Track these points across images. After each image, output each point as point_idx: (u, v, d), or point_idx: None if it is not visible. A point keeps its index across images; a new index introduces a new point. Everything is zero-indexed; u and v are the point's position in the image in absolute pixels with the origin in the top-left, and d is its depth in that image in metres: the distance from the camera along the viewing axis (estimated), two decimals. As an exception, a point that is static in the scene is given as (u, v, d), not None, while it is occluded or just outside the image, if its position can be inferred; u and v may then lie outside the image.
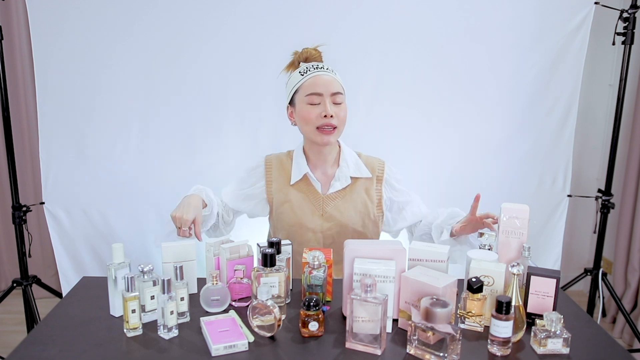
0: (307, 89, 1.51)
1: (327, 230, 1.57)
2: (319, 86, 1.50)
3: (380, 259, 1.14)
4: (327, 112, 1.48)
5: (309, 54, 1.57)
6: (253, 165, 1.66)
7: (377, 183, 1.60)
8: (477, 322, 1.14)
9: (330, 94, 1.50)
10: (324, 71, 1.52)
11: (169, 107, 2.10)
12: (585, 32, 2.07)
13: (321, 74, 1.52)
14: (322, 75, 1.51)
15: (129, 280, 1.09)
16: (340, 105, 1.53)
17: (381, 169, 1.61)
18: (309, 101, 1.51)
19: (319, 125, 1.50)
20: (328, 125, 1.49)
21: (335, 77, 1.54)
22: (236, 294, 1.26)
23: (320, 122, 1.49)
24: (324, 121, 1.49)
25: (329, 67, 1.55)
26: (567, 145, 2.20)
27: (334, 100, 1.51)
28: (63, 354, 1.05)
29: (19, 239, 2.09)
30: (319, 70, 1.52)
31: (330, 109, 1.49)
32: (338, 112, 1.51)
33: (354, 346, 1.07)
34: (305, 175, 1.58)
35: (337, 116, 1.51)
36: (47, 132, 2.08)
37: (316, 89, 1.50)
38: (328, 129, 1.50)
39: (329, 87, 1.50)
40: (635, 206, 2.47)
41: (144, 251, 2.19)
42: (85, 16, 1.98)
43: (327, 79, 1.51)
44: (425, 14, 2.05)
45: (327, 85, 1.50)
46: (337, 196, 1.58)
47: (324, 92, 1.50)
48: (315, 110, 1.50)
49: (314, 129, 1.51)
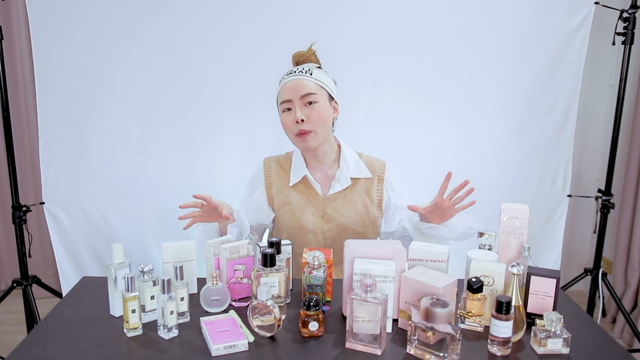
0: (280, 97, 1.50)
1: (327, 231, 1.56)
2: (287, 92, 1.47)
3: (380, 259, 1.14)
4: (296, 117, 1.45)
5: (299, 57, 1.55)
6: (252, 174, 1.65)
7: (378, 183, 1.59)
8: (477, 322, 1.14)
9: (300, 97, 1.46)
10: (295, 75, 1.48)
11: (169, 107, 2.10)
12: (585, 32, 2.07)
13: (291, 78, 1.48)
14: (291, 80, 1.48)
15: (129, 280, 1.09)
16: (314, 105, 1.47)
17: (382, 169, 1.60)
18: (283, 109, 1.49)
19: (295, 132, 1.48)
20: (301, 130, 1.46)
21: (309, 77, 1.48)
22: (236, 294, 1.26)
23: (295, 128, 1.47)
24: (297, 127, 1.46)
25: (304, 69, 1.50)
26: (567, 145, 2.20)
27: (306, 101, 1.46)
28: (63, 354, 1.05)
29: (19, 239, 2.09)
30: (290, 75, 1.49)
31: (299, 114, 1.45)
32: (310, 114, 1.46)
33: (354, 346, 1.07)
34: (305, 177, 1.57)
35: (310, 118, 1.46)
36: (47, 132, 2.08)
37: (285, 95, 1.48)
38: (302, 133, 1.47)
39: (297, 91, 1.46)
40: (635, 206, 2.47)
41: (144, 251, 2.19)
42: (86, 16, 1.98)
43: (295, 83, 1.47)
44: (425, 14, 2.05)
45: (295, 89, 1.46)
46: (337, 197, 1.57)
47: (292, 97, 1.46)
48: (290, 117, 1.48)
49: (294, 136, 1.49)
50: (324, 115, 1.49)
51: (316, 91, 1.47)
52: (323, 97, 1.49)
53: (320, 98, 1.48)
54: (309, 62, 1.54)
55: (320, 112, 1.48)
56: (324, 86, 1.50)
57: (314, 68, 1.52)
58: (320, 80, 1.50)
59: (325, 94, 1.50)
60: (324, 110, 1.49)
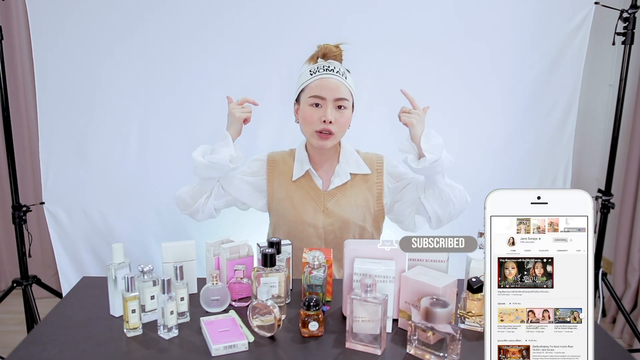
0: (312, 90, 1.49)
1: (328, 226, 1.57)
2: (324, 90, 1.48)
3: (380, 259, 1.14)
4: (326, 117, 1.47)
5: (327, 50, 1.54)
6: (254, 157, 1.66)
7: (377, 176, 1.61)
8: (477, 322, 1.14)
9: (334, 99, 1.48)
10: (333, 74, 1.49)
11: (168, 107, 2.10)
12: (585, 32, 2.07)
13: (329, 77, 1.49)
14: (330, 79, 1.48)
15: (129, 280, 1.09)
16: (343, 110, 1.50)
17: (380, 163, 1.62)
18: (311, 102, 1.50)
19: (317, 129, 1.49)
20: (326, 130, 1.48)
21: (345, 81, 1.51)
22: (236, 294, 1.26)
23: (319, 126, 1.49)
24: (322, 126, 1.48)
25: (340, 70, 1.52)
26: (567, 145, 2.20)
27: (337, 105, 1.49)
28: (63, 354, 1.05)
29: (19, 239, 2.09)
30: (328, 73, 1.49)
31: (330, 115, 1.47)
32: (339, 118, 1.49)
33: (354, 346, 1.07)
34: (307, 171, 1.59)
35: (337, 122, 1.49)
36: (47, 132, 2.08)
37: (320, 92, 1.48)
38: (326, 133, 1.49)
39: (334, 92, 1.48)
40: (635, 206, 2.47)
41: (144, 251, 2.19)
42: (86, 16, 1.98)
43: (334, 83, 1.48)
44: (425, 14, 2.05)
45: (333, 90, 1.48)
46: (337, 192, 1.59)
47: (328, 96, 1.48)
48: (317, 113, 1.49)
49: (313, 131, 1.50)
50: (348, 122, 1.54)
51: (348, 98, 1.51)
52: (350, 104, 1.53)
53: (349, 105, 1.52)
54: (335, 60, 1.55)
55: (348, 118, 1.53)
56: (353, 94, 1.55)
57: (347, 73, 1.55)
58: (351, 87, 1.54)
59: (352, 102, 1.55)
60: (349, 117, 1.54)
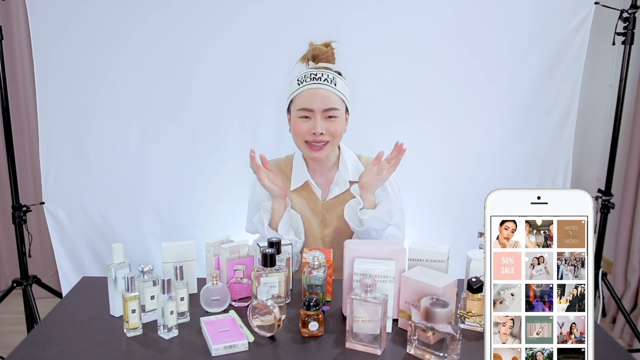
0: (300, 102, 1.45)
1: (326, 236, 1.56)
2: (312, 101, 1.43)
3: (380, 259, 1.14)
4: (316, 130, 1.43)
5: (317, 52, 1.50)
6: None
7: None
8: (477, 322, 1.14)
9: (323, 110, 1.44)
10: (320, 83, 1.44)
11: (168, 107, 2.10)
12: (585, 32, 2.07)
13: (317, 86, 1.44)
14: (318, 89, 1.44)
15: (129, 280, 1.09)
16: (335, 119, 1.46)
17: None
18: (300, 115, 1.46)
19: (308, 140, 1.46)
20: (317, 141, 1.45)
21: (334, 89, 1.45)
22: (236, 294, 1.26)
23: (309, 137, 1.46)
24: (313, 137, 1.45)
25: (328, 77, 1.46)
26: (567, 145, 2.20)
27: (327, 115, 1.45)
28: (63, 354, 1.05)
29: (19, 239, 2.09)
30: (315, 82, 1.44)
31: (319, 127, 1.43)
32: (329, 127, 1.45)
33: (354, 346, 1.07)
34: (307, 182, 1.56)
35: (329, 131, 1.45)
36: (47, 132, 2.08)
37: (308, 104, 1.44)
38: (317, 145, 1.46)
39: (323, 103, 1.43)
40: (635, 206, 2.47)
41: (144, 251, 2.19)
42: (86, 16, 1.98)
43: (322, 94, 1.43)
44: (424, 14, 2.04)
45: (321, 101, 1.43)
46: (336, 202, 1.56)
47: (316, 108, 1.43)
48: (306, 126, 1.45)
49: (303, 142, 1.48)
50: (341, 129, 1.49)
51: (339, 106, 1.46)
52: (342, 111, 1.48)
53: (341, 113, 1.47)
54: (327, 62, 1.51)
55: (341, 125, 1.48)
56: (344, 99, 1.49)
57: (337, 77, 1.49)
58: (342, 92, 1.48)
59: (344, 107, 1.50)
60: (342, 124, 1.48)
